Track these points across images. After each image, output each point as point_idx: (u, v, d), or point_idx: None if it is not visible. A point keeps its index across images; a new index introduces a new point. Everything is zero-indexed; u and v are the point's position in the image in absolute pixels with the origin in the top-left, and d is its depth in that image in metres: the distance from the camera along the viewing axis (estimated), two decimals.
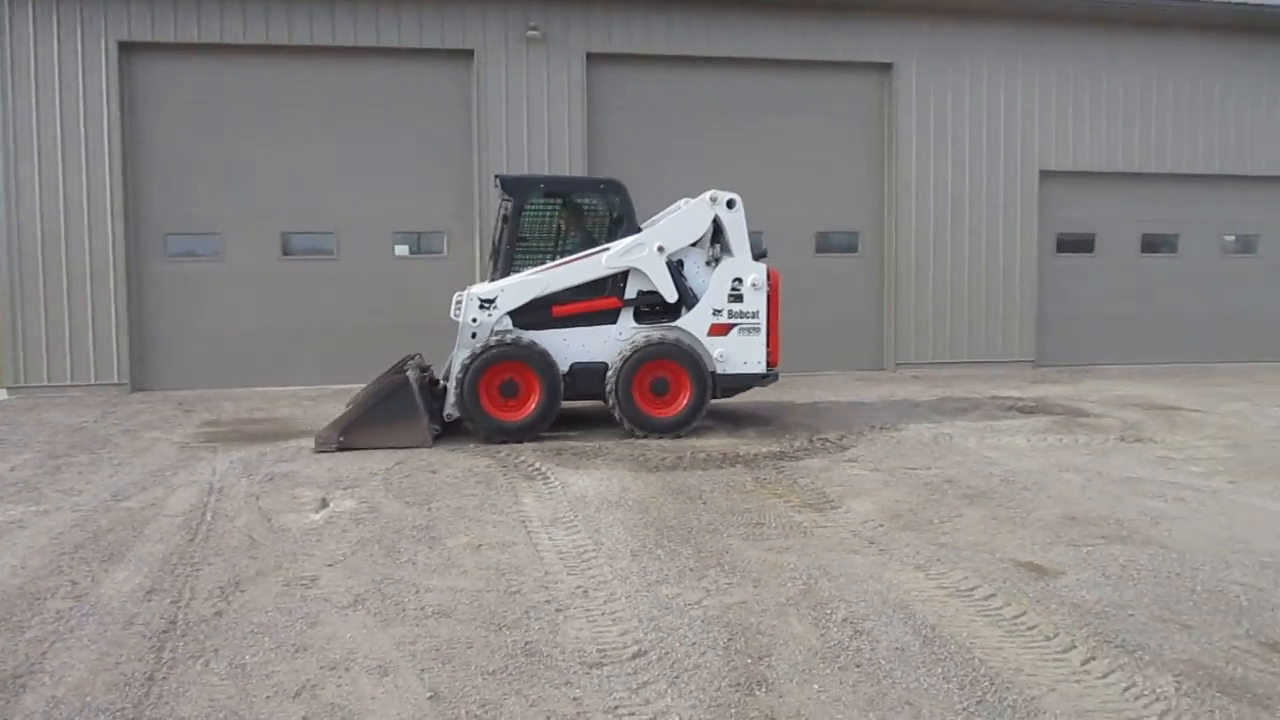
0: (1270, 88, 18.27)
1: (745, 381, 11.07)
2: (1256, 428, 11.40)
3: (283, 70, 15.26)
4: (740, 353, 10.94)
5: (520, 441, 10.26)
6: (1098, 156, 17.62)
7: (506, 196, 10.98)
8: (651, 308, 10.99)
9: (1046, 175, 17.47)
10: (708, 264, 11.07)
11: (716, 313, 10.94)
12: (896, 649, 4.87)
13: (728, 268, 10.96)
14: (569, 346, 10.72)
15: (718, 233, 11.06)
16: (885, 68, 16.86)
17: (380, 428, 9.96)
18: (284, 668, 4.72)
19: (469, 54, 15.28)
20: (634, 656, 4.80)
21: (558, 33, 15.46)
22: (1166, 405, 12.97)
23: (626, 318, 10.95)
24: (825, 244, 17.05)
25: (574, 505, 7.68)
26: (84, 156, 14.54)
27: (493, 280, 11.03)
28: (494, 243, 11.63)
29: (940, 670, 4.63)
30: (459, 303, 10.67)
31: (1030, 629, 5.13)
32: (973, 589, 5.73)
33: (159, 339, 15.23)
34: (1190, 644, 4.95)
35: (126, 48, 14.75)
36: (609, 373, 10.59)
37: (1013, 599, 5.56)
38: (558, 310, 10.78)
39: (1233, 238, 18.85)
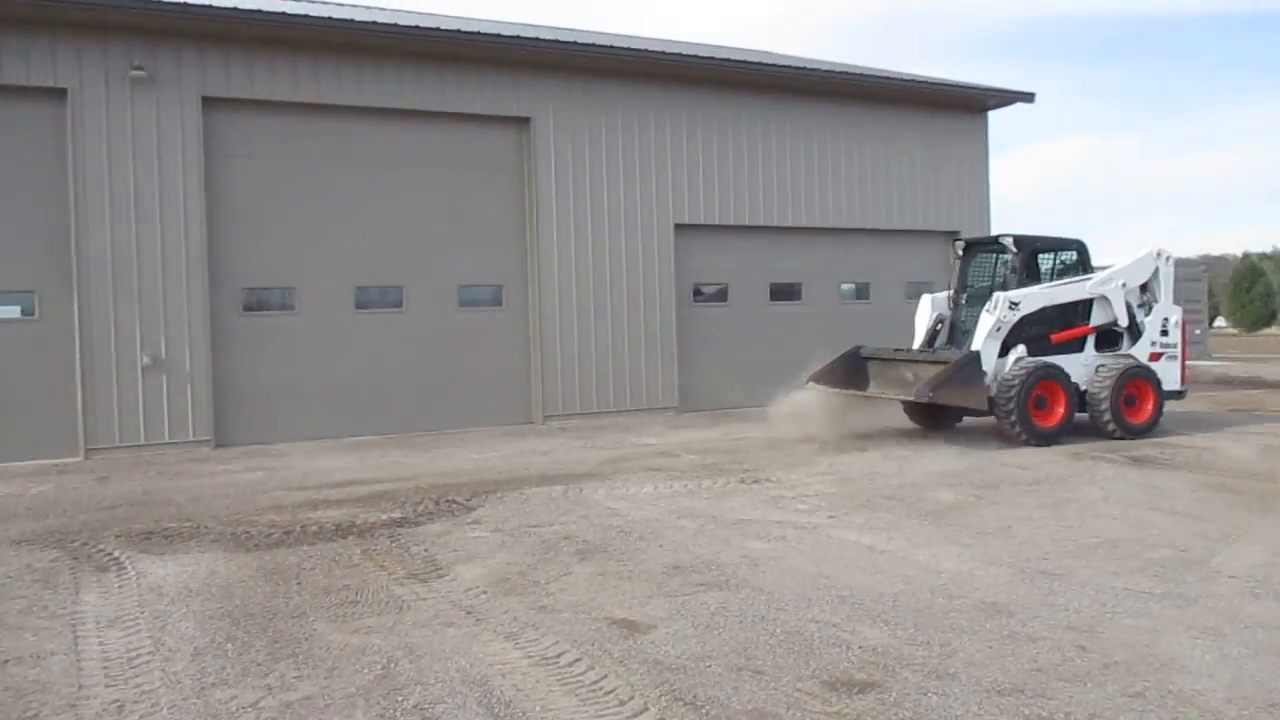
0: (874, 149, 20.17)
1: (1166, 397, 14.05)
2: (859, 464, 12.25)
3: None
4: (1166, 375, 14.15)
5: (1049, 445, 12.88)
6: (726, 211, 18.62)
7: (1015, 249, 13.97)
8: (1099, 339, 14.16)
9: (681, 228, 18.23)
10: (1140, 305, 14.39)
11: (1153, 344, 14.28)
12: None
13: (1160, 310, 14.45)
14: None
15: (1146, 282, 14.49)
16: (524, 121, 16.95)
17: (959, 388, 12.70)
18: None
19: (61, 92, 13.73)
20: None
21: (168, 74, 14.24)
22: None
23: (1090, 347, 14.05)
24: (469, 297, 16.77)
25: (144, 599, 6.77)
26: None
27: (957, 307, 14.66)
28: (957, 280, 14.89)
29: None
30: (993, 303, 13.32)
31: (607, 694, 4.95)
32: (559, 655, 5.50)
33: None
34: (758, 691, 4.96)
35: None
36: (1101, 390, 13.42)
37: (597, 662, 5.38)
38: (1056, 337, 13.82)
39: (850, 285, 20.55)
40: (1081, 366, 13.78)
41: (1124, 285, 14.15)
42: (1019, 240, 14.13)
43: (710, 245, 18.70)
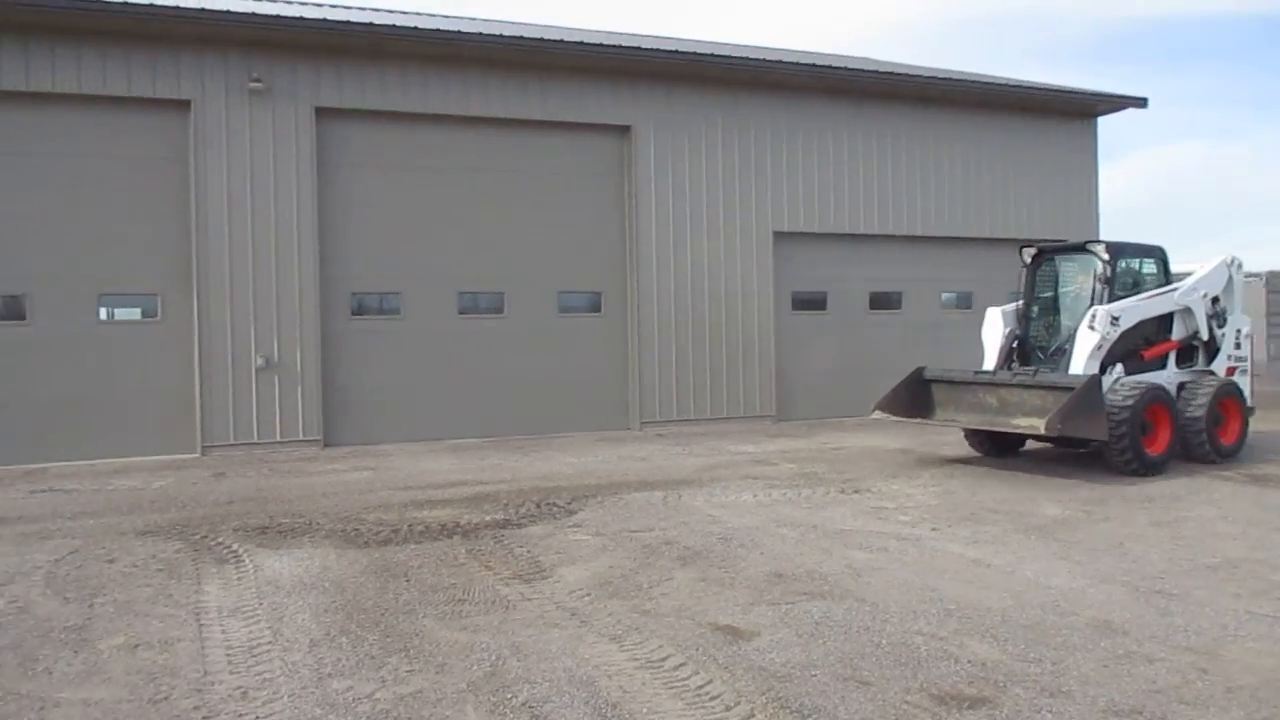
0: (979, 156, 19.81)
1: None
2: (963, 475, 12.02)
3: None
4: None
5: (1157, 474, 11.57)
6: (826, 218, 18.49)
7: (1107, 258, 12.62)
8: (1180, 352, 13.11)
9: (780, 236, 18.16)
10: (1211, 318, 13.17)
11: (1229, 358, 13.34)
12: None
13: (1234, 321, 13.44)
14: None
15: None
16: (624, 130, 17.09)
17: (1086, 417, 11.07)
18: None
19: (185, 104, 14.33)
20: None
21: (283, 85, 14.77)
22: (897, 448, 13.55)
23: (1171, 363, 12.97)
24: (568, 303, 16.97)
25: (262, 591, 7.03)
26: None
27: (1024, 318, 13.41)
28: (1025, 291, 13.54)
29: None
30: (1093, 318, 12.06)
31: (713, 699, 4.97)
32: (664, 659, 5.54)
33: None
34: (865, 702, 4.92)
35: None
36: (1196, 410, 12.23)
37: (702, 667, 5.41)
38: (1149, 353, 12.72)
39: (951, 294, 20.19)
40: (1168, 384, 12.56)
41: (1205, 295, 13.08)
42: (1111, 248, 12.85)
43: (809, 253, 18.57)
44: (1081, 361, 12.04)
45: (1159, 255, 13.38)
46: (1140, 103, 20.73)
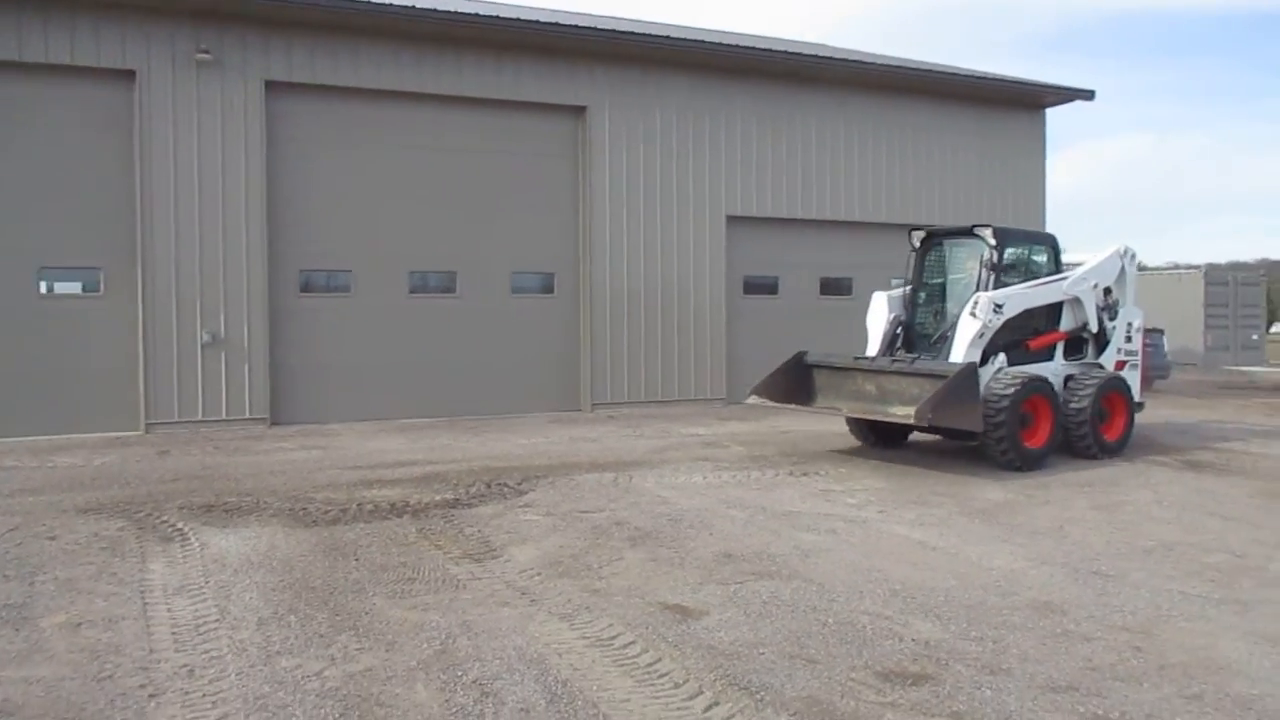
0: (929, 145, 20.03)
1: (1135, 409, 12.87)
2: (910, 459, 12.21)
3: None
4: (1132, 385, 12.86)
5: (1034, 469, 11.19)
6: (779, 204, 18.60)
7: (994, 243, 12.06)
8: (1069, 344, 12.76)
9: (733, 220, 18.24)
10: (1102, 309, 12.84)
11: (1119, 351, 13.07)
12: (521, 710, 4.61)
13: (1126, 314, 13.14)
14: None
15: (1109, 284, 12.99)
16: (579, 110, 17.03)
17: (958, 407, 10.65)
18: None
19: (130, 74, 14.01)
20: None
21: (233, 58, 14.50)
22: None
23: (1059, 355, 12.63)
24: (521, 284, 16.90)
25: (209, 570, 6.96)
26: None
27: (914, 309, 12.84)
28: (914, 276, 12.96)
29: None
30: (975, 305, 11.53)
31: (661, 676, 5.03)
32: (614, 637, 5.59)
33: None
34: (812, 680, 5.01)
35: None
36: (1080, 403, 11.88)
37: (651, 645, 5.46)
38: (1035, 344, 12.33)
39: (901, 280, 20.39)
40: (1053, 378, 12.16)
41: (1095, 286, 12.72)
42: (999, 233, 12.26)
43: (761, 238, 18.68)
44: (961, 349, 11.51)
45: (1050, 243, 13.16)
46: (1088, 95, 21.09)
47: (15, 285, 13.62)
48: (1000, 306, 11.62)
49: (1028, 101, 21.19)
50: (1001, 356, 11.82)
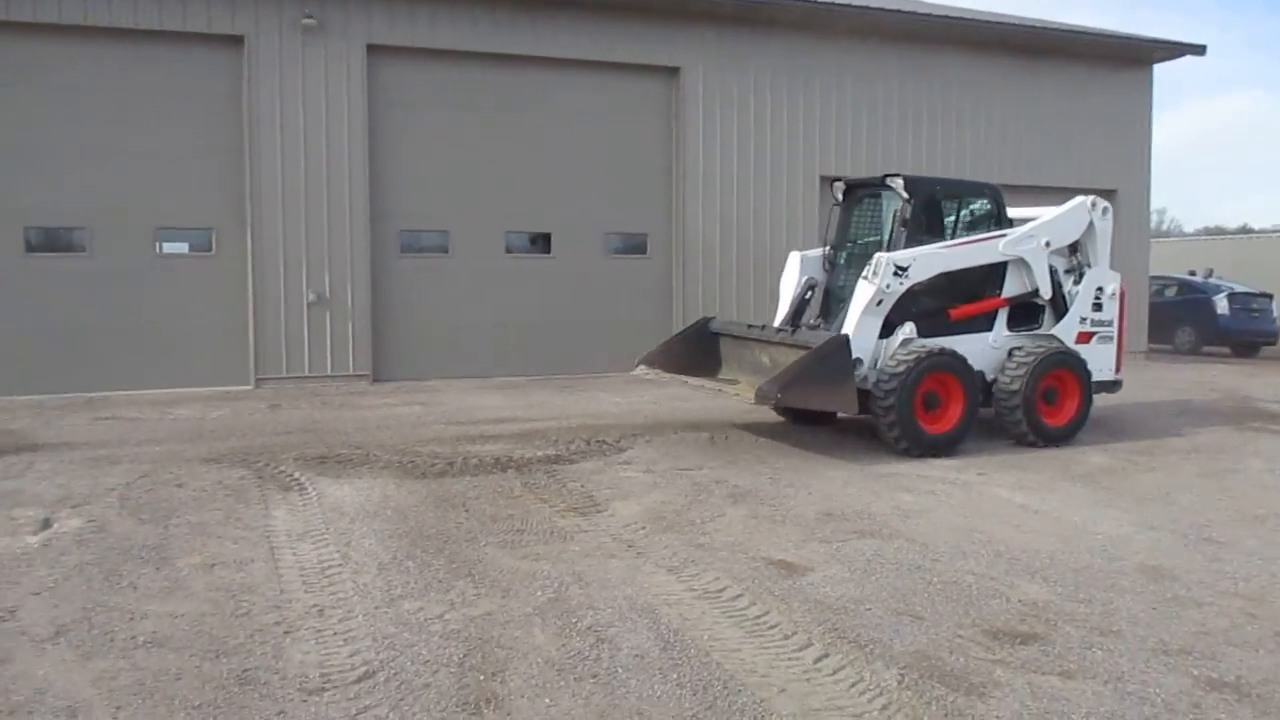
0: (1029, 103, 19.54)
1: (1097, 388, 11.06)
2: None
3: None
4: (1097, 360, 11.00)
5: (938, 455, 9.73)
6: (874, 163, 18.36)
7: (907, 195, 10.49)
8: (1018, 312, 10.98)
9: (827, 180, 18.05)
10: (1067, 272, 11.21)
11: (1082, 321, 11.12)
12: (636, 656, 4.78)
13: (1093, 277, 11.18)
14: None
15: (1076, 241, 11.18)
16: (673, 71, 17.01)
17: (817, 386, 9.43)
18: None
19: (239, 39, 14.43)
20: (360, 679, 4.51)
21: (336, 22, 14.82)
22: None
23: (1000, 325, 10.82)
24: (614, 245, 17.06)
25: (328, 517, 7.28)
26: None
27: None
28: (835, 234, 11.51)
29: (675, 676, 4.56)
30: (873, 267, 9.92)
31: (771, 628, 5.15)
32: (721, 590, 5.72)
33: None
34: (919, 636, 5.08)
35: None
36: (1012, 382, 10.29)
37: (758, 598, 5.58)
38: (956, 313, 10.58)
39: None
40: (990, 351, 10.64)
41: (1047, 244, 10.80)
42: (911, 183, 10.64)
43: None
44: (854, 318, 10.02)
45: (990, 195, 11.23)
46: (1198, 50, 20.29)
47: (136, 245, 14.19)
48: (904, 269, 9.96)
49: (1135, 57, 20.47)
50: (908, 326, 10.16)
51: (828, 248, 11.52)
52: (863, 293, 10.00)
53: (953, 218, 11.08)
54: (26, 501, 7.70)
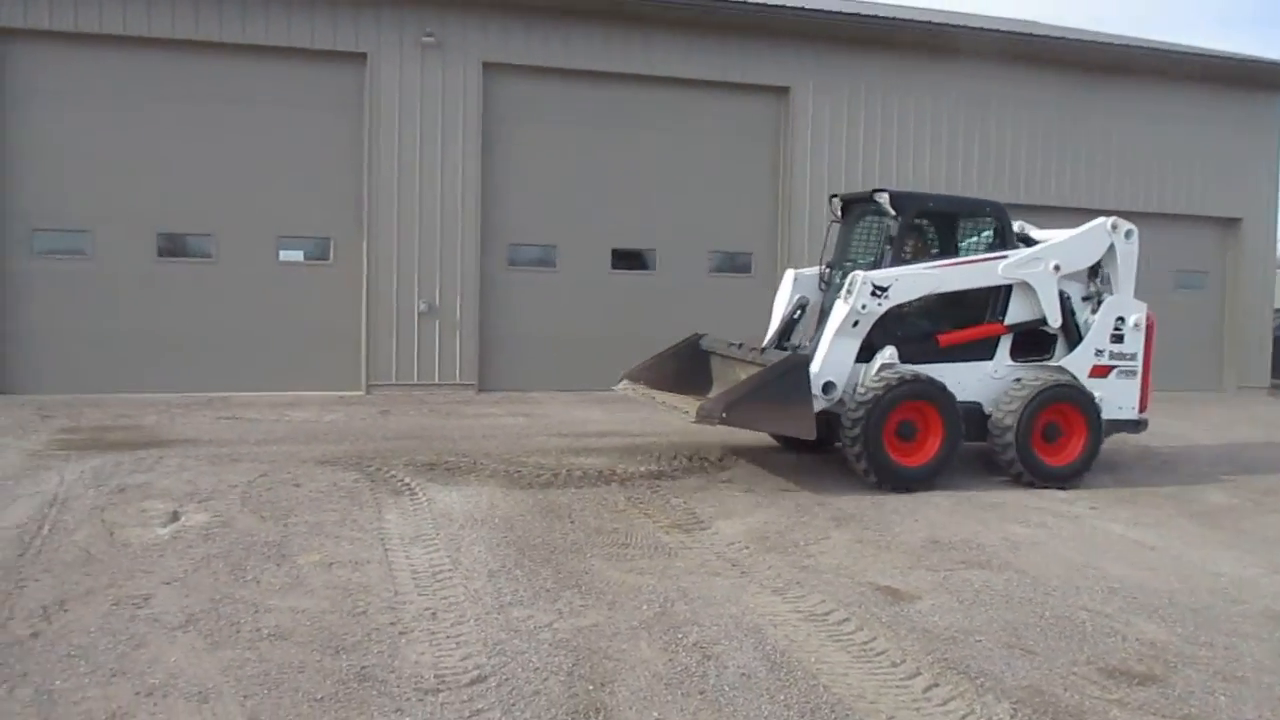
0: (1149, 126, 18.99)
1: (1116, 428, 10.32)
2: (1126, 455, 11.72)
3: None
4: (1116, 397, 10.20)
5: (910, 491, 9.09)
6: (985, 186, 18.04)
7: (893, 212, 9.96)
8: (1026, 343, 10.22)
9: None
10: (1085, 299, 10.41)
11: (1099, 353, 10.24)
12: (743, 674, 4.80)
13: (1113, 305, 10.28)
14: (946, 384, 9.52)
15: (1097, 266, 10.44)
16: (783, 91, 17.02)
17: (767, 407, 8.89)
18: (95, 694, 4.42)
19: (361, 56, 14.94)
20: (473, 682, 4.63)
21: (454, 40, 15.23)
22: None
23: (1003, 354, 10.09)
24: (719, 263, 17.11)
25: (438, 522, 7.47)
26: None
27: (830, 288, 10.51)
28: (834, 252, 10.99)
29: (783, 697, 4.57)
30: (849, 286, 9.36)
31: (878, 654, 5.11)
32: (828, 613, 5.70)
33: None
34: (1032, 670, 4.99)
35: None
36: (1005, 416, 9.57)
37: (865, 623, 5.55)
38: (945, 340, 9.90)
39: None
40: (991, 381, 9.95)
41: (1057, 268, 9.99)
42: (898, 198, 9.97)
43: None
44: (827, 340, 9.44)
45: (992, 214, 10.49)
46: None
47: (258, 253, 14.78)
48: (883, 289, 9.32)
49: (1264, 81, 19.73)
50: (889, 350, 9.48)
51: (824, 266, 11.01)
52: (837, 313, 9.46)
53: (948, 236, 10.50)
54: (156, 494, 8.08)
